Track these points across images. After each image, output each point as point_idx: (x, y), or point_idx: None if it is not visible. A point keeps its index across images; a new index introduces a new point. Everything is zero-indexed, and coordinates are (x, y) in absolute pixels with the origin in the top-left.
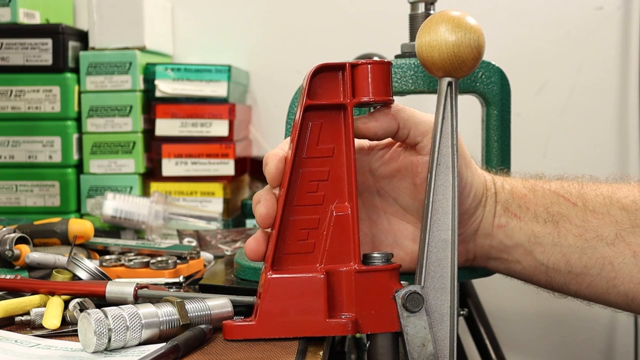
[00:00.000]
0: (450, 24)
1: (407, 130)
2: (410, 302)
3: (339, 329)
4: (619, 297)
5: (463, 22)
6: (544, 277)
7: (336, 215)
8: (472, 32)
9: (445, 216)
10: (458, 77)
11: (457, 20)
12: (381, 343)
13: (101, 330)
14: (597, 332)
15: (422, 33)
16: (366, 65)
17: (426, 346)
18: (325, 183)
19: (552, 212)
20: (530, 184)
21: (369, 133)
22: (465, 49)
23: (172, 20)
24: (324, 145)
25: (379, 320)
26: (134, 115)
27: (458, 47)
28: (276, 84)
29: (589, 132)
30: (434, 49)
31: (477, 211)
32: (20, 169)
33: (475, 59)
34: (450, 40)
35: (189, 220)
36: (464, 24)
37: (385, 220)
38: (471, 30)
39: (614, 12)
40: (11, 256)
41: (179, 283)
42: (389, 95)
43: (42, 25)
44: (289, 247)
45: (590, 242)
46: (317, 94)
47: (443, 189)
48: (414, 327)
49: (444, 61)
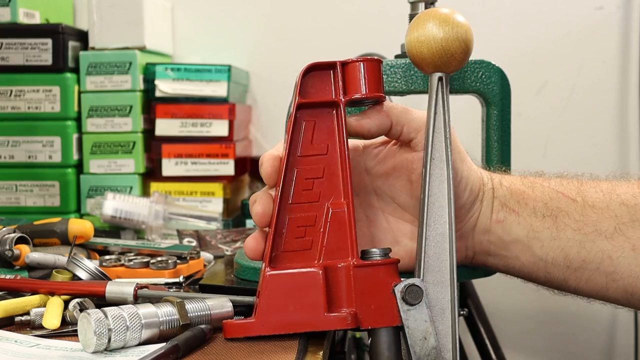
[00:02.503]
0: (438, 19)
1: (401, 127)
2: (410, 295)
3: (338, 323)
4: (618, 291)
5: (450, 18)
6: (543, 273)
7: (332, 211)
8: (460, 27)
9: (441, 210)
10: (448, 71)
11: (444, 16)
12: (382, 338)
13: (101, 330)
14: (597, 332)
15: (411, 30)
16: (356, 63)
17: (428, 339)
18: (320, 180)
19: (551, 207)
20: (529, 180)
21: (362, 130)
22: (453, 42)
23: (172, 20)
24: (318, 143)
25: (379, 314)
26: (134, 115)
27: (446, 41)
28: (276, 84)
29: (589, 132)
30: (422, 44)
31: (474, 206)
32: (20, 169)
33: (464, 52)
34: (439, 35)
35: (189, 220)
36: (451, 20)
37: (384, 219)
38: (458, 25)
39: (614, 12)
40: (11, 256)
41: (179, 283)
42: (381, 91)
43: (42, 25)
44: (286, 244)
45: (589, 236)
46: (309, 92)
47: (438, 182)
48: (414, 321)
49: (433, 56)
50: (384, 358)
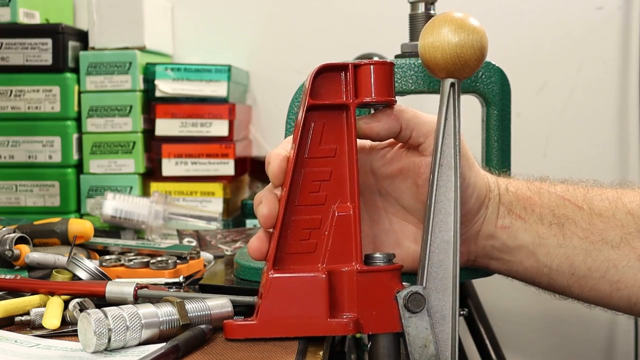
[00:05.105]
0: (453, 25)
1: (410, 131)
2: (412, 303)
3: (340, 328)
4: (622, 300)
5: (466, 23)
6: (547, 279)
7: (338, 215)
8: (475, 34)
9: (447, 217)
10: (461, 78)
11: (460, 21)
12: (382, 343)
13: (101, 330)
14: (598, 332)
15: (425, 34)
16: (369, 66)
17: (428, 347)
18: (327, 183)
19: (558, 215)
20: (535, 186)
21: (371, 133)
22: (468, 49)
23: (172, 20)
24: (326, 145)
25: (380, 320)
26: (134, 115)
27: (461, 48)
28: (276, 84)
29: (589, 132)
30: (437, 50)
31: (479, 212)
32: (20, 169)
33: (478, 60)
34: (454, 42)
35: (189, 220)
36: (467, 25)
37: (387, 220)
38: (474, 32)
39: (614, 12)
40: (11, 256)
41: (179, 283)
42: (392, 95)
43: (42, 25)
44: (290, 246)
45: (596, 244)
46: (320, 94)
47: (445, 189)
48: (415, 328)
49: (446, 62)
50: None
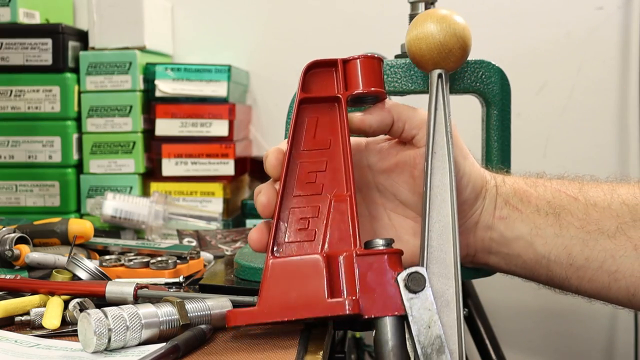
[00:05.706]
0: (436, 18)
1: (402, 124)
2: (413, 282)
3: (340, 308)
4: (621, 291)
5: (447, 17)
6: (545, 271)
7: (335, 203)
8: (457, 25)
9: (444, 202)
10: (447, 68)
11: (442, 15)
12: (386, 327)
13: (101, 330)
14: (598, 331)
15: (410, 30)
16: (356, 60)
17: (432, 328)
18: (323, 173)
19: (554, 205)
20: (532, 181)
21: (364, 126)
22: (451, 38)
23: (172, 20)
24: (320, 137)
25: (382, 303)
26: (134, 115)
27: (444, 37)
28: (276, 84)
29: (589, 132)
30: (421, 41)
31: (476, 203)
32: (20, 169)
33: (462, 49)
34: (436, 31)
35: (189, 220)
36: (449, 18)
37: (386, 216)
38: (455, 23)
39: (614, 12)
40: (11, 256)
41: (179, 283)
42: (381, 87)
43: (42, 25)
44: (290, 235)
45: (592, 234)
46: (311, 88)
47: (440, 175)
48: (418, 309)
49: (431, 51)
50: (388, 347)
